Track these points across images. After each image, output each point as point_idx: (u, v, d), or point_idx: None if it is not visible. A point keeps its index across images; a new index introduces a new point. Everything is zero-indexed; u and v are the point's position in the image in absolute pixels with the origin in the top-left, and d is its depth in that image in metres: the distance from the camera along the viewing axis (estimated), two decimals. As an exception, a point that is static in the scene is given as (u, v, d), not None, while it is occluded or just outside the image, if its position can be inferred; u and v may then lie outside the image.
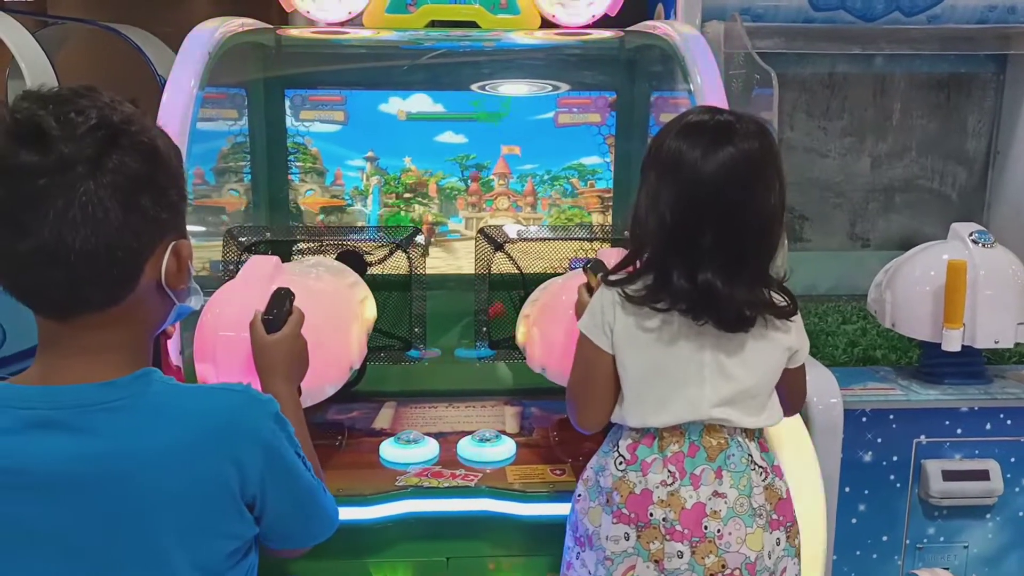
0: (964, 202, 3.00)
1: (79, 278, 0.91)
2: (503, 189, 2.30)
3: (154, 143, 0.96)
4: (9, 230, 0.90)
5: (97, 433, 0.93)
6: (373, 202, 2.29)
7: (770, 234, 1.34)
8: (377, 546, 1.57)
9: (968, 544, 1.98)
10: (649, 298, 1.34)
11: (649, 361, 1.35)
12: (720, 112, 1.37)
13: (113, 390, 0.95)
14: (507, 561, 1.60)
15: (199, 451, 0.95)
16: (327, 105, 2.30)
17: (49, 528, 0.92)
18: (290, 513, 1.07)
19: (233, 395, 1.02)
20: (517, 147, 2.29)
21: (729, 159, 1.30)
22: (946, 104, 2.97)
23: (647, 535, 1.33)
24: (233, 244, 1.81)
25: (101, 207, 0.90)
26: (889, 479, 1.95)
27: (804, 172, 2.94)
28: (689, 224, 1.31)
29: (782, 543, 1.37)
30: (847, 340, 2.40)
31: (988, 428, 1.94)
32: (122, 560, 0.94)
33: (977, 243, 1.96)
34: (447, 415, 1.91)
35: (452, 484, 1.57)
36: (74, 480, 0.92)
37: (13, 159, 0.89)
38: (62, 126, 0.89)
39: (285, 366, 1.32)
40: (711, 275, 1.30)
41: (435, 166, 2.27)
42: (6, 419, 0.93)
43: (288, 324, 1.35)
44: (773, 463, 1.40)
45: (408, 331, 1.92)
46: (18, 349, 2.82)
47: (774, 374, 1.39)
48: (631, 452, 1.36)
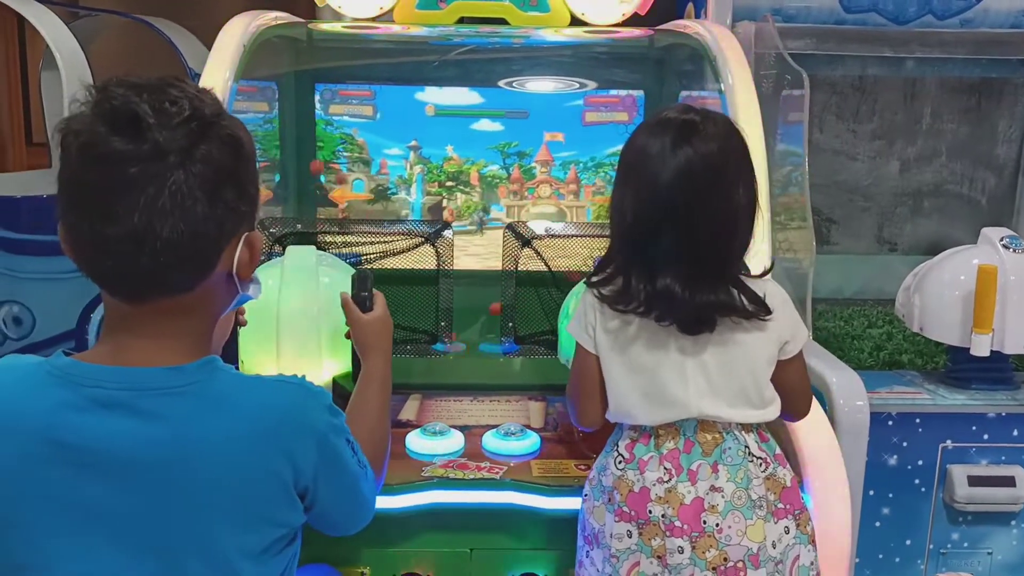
0: (993, 208, 2.97)
1: (161, 265, 0.93)
2: (545, 177, 2.30)
3: (239, 136, 0.98)
4: (98, 215, 0.91)
5: (161, 417, 0.94)
6: (417, 190, 2.30)
7: (733, 235, 1.34)
8: (402, 535, 1.59)
9: (992, 550, 1.96)
10: (615, 299, 1.35)
11: (630, 361, 1.37)
12: (688, 111, 1.36)
13: (180, 375, 0.96)
14: (530, 554, 1.61)
15: (257, 443, 0.97)
16: (357, 99, 2.32)
17: (105, 508, 0.93)
18: (338, 502, 1.08)
19: (291, 388, 1.03)
20: (560, 134, 2.29)
21: (686, 162, 1.29)
22: (977, 109, 2.94)
23: (648, 532, 1.34)
24: (264, 235, 1.83)
25: (190, 196, 0.92)
26: (914, 483, 1.94)
27: (832, 175, 2.92)
28: (648, 226, 1.32)
29: (791, 531, 1.36)
30: (873, 344, 2.39)
31: (1015, 434, 1.93)
32: (172, 543, 0.95)
33: (1008, 248, 1.95)
34: (472, 408, 1.92)
35: (477, 476, 1.58)
36: (134, 462, 0.93)
37: (107, 146, 0.90)
38: (157, 115, 0.91)
39: (384, 342, 1.42)
40: (670, 279, 1.31)
41: (476, 154, 2.28)
42: (75, 396, 0.93)
43: (378, 303, 1.46)
44: (774, 452, 1.40)
45: (434, 324, 1.93)
46: (47, 335, 2.87)
47: (764, 368, 1.38)
48: (629, 451, 1.38)
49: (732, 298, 1.34)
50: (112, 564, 0.93)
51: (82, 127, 0.91)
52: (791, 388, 1.43)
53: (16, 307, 2.91)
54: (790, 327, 1.40)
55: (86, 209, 0.92)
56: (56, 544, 0.93)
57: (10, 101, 4.16)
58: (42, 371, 0.96)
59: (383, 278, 1.79)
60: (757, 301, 1.35)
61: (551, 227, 1.99)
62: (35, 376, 0.95)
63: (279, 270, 1.62)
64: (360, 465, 1.10)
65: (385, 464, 1.31)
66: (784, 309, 1.40)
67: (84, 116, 0.92)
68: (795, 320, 1.42)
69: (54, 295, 2.78)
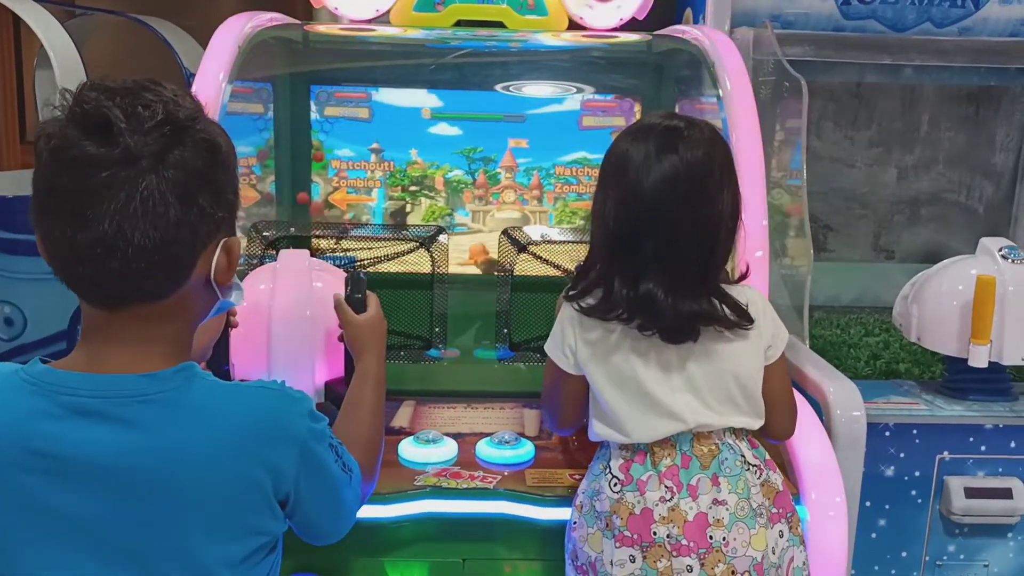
0: (990, 216, 2.97)
1: (134, 270, 0.92)
2: (510, 182, 2.29)
3: (215, 141, 0.97)
4: (69, 220, 0.90)
5: (136, 425, 0.93)
6: (379, 194, 2.28)
7: (716, 244, 1.33)
8: (394, 545, 1.57)
9: (988, 563, 1.95)
10: (599, 309, 1.33)
11: (617, 376, 1.35)
12: (672, 117, 1.35)
13: (155, 382, 0.95)
14: (524, 564, 1.60)
15: (236, 452, 0.95)
16: (352, 102, 2.30)
17: (83, 517, 0.92)
18: (321, 510, 1.07)
19: (270, 395, 1.02)
20: (524, 140, 2.28)
21: (670, 169, 1.28)
22: (975, 117, 2.94)
23: (653, 554, 1.31)
24: (257, 239, 1.81)
25: (162, 202, 0.90)
26: (910, 494, 1.92)
27: (829, 182, 2.92)
28: (630, 232, 1.30)
29: (785, 535, 1.36)
30: (869, 353, 2.38)
31: (1012, 446, 1.92)
32: (149, 552, 0.93)
33: (1007, 258, 1.94)
34: (465, 416, 1.90)
35: (470, 485, 1.56)
36: (109, 471, 0.92)
37: (79, 150, 0.89)
38: (129, 119, 0.90)
39: (376, 344, 1.42)
40: (652, 285, 1.29)
41: (441, 159, 2.27)
42: (49, 404, 0.92)
43: (371, 304, 1.46)
44: (765, 458, 1.39)
45: (428, 330, 1.92)
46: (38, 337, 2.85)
47: (753, 375, 1.37)
48: (624, 472, 1.35)
49: (714, 307, 1.33)
50: (90, 573, 0.92)
51: (54, 131, 0.91)
52: (773, 399, 1.41)
53: (8, 308, 2.89)
54: (771, 331, 1.39)
55: (58, 214, 0.91)
56: (32, 553, 0.92)
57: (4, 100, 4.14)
58: (17, 379, 0.95)
59: (377, 283, 1.78)
60: (739, 311, 1.34)
61: (547, 233, 1.98)
62: (10, 384, 0.94)
63: (271, 273, 1.60)
64: (345, 470, 1.09)
65: (378, 465, 1.29)
66: (765, 314, 1.39)
67: (57, 120, 0.91)
68: (775, 324, 1.41)
69: (46, 296, 2.76)
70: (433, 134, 2.26)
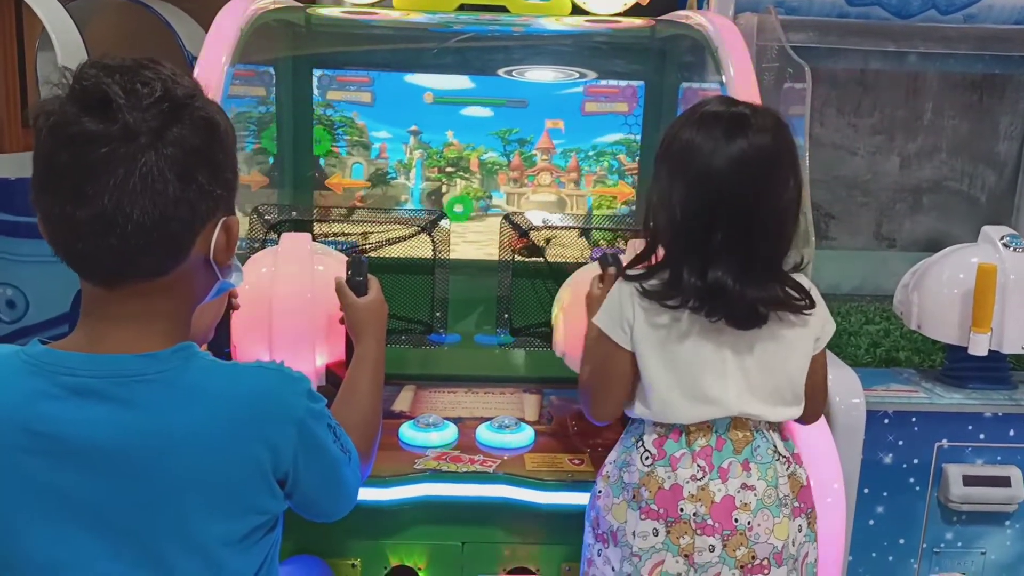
0: (993, 205, 2.96)
1: (133, 247, 0.91)
2: (546, 164, 2.28)
3: (214, 119, 0.96)
4: (69, 197, 0.90)
5: (134, 405, 0.93)
6: (416, 176, 2.28)
7: (783, 231, 1.32)
8: (394, 528, 1.58)
9: (986, 550, 1.96)
10: (663, 295, 1.32)
11: (670, 358, 1.34)
12: (735, 104, 1.34)
13: (153, 362, 0.95)
14: (523, 548, 1.60)
15: (234, 431, 0.95)
16: (354, 86, 2.29)
17: (82, 496, 0.92)
18: (320, 489, 1.07)
19: (268, 374, 1.02)
20: (561, 121, 2.26)
21: (741, 154, 1.27)
22: (979, 105, 2.93)
23: (677, 530, 1.32)
24: (259, 222, 1.81)
25: (161, 179, 0.90)
26: (909, 482, 1.93)
27: (831, 169, 2.91)
28: (700, 221, 1.29)
29: (804, 529, 1.37)
30: (870, 341, 2.38)
31: (1011, 434, 1.92)
32: (150, 531, 0.94)
33: (1008, 247, 1.93)
34: (466, 400, 1.91)
35: (470, 469, 1.57)
36: (110, 450, 0.92)
37: (77, 126, 0.89)
38: (128, 96, 0.89)
39: (378, 327, 1.41)
40: (722, 273, 1.28)
41: (477, 140, 2.26)
42: (50, 384, 0.93)
43: (372, 288, 1.45)
44: (794, 451, 1.40)
45: (429, 315, 1.92)
46: (41, 319, 2.85)
47: (801, 366, 1.37)
48: (658, 447, 1.35)
49: (782, 292, 1.32)
50: (91, 552, 0.93)
51: (53, 108, 0.90)
52: (814, 385, 1.41)
53: (10, 290, 2.88)
54: (822, 321, 1.39)
55: (57, 191, 0.91)
56: (34, 532, 0.92)
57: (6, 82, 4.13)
58: (17, 360, 0.95)
59: (379, 267, 1.78)
60: (805, 294, 1.34)
61: (548, 218, 1.98)
62: (9, 366, 0.95)
63: (273, 257, 1.60)
64: (343, 451, 1.09)
65: (374, 449, 1.29)
66: (820, 303, 1.39)
67: (56, 97, 0.91)
68: (826, 314, 1.40)
69: (48, 278, 2.76)
70: (467, 116, 2.25)
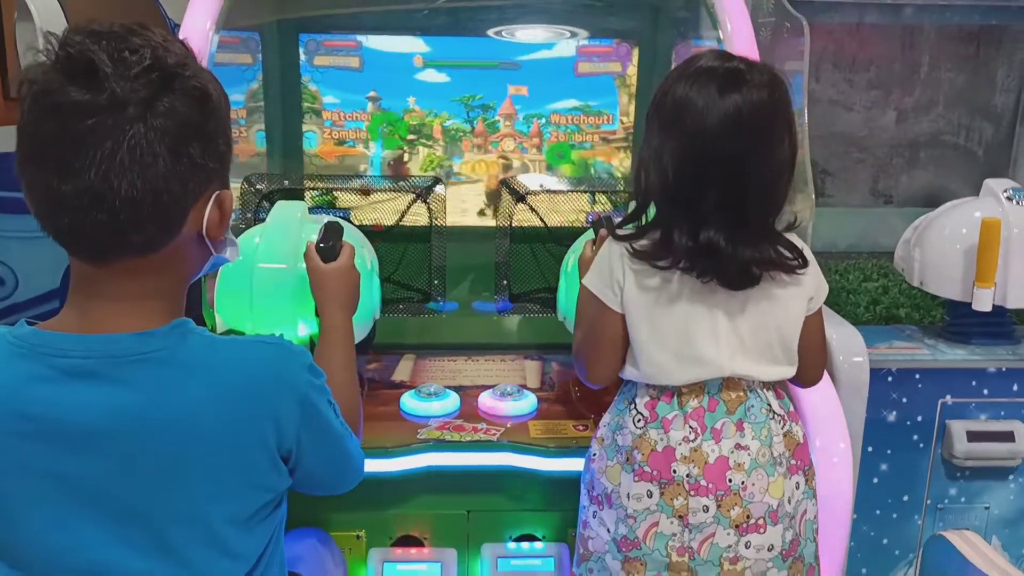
0: (990, 158, 2.94)
1: (122, 223, 0.88)
2: (509, 130, 2.24)
3: (206, 89, 0.92)
4: (54, 169, 0.86)
5: (132, 385, 0.90)
6: (376, 144, 2.23)
7: (777, 189, 1.30)
8: (398, 498, 1.57)
9: (989, 505, 1.96)
10: (653, 255, 1.29)
11: (661, 320, 1.32)
12: (730, 59, 1.30)
13: (149, 341, 0.92)
14: (528, 515, 1.60)
15: (235, 407, 0.93)
16: (342, 51, 2.24)
17: (83, 480, 0.90)
18: (323, 463, 1.05)
19: (268, 348, 0.99)
20: (524, 87, 2.21)
21: (736, 110, 1.23)
22: (975, 57, 2.90)
23: (670, 491, 1.31)
24: (251, 191, 1.77)
25: (150, 152, 0.87)
26: (912, 439, 1.93)
27: (828, 126, 2.88)
28: (692, 180, 1.26)
29: (801, 487, 1.36)
30: (869, 298, 2.37)
31: (1015, 389, 1.91)
32: (155, 514, 0.92)
33: (1011, 200, 1.91)
34: (466, 368, 1.89)
35: (474, 438, 1.55)
36: (108, 432, 0.90)
37: (63, 96, 0.85)
38: (115, 64, 0.86)
39: (343, 295, 1.35)
40: (714, 233, 1.26)
41: (439, 106, 2.21)
42: (43, 367, 0.90)
43: (343, 254, 1.38)
44: (789, 409, 1.39)
45: (427, 283, 1.89)
46: (30, 296, 2.81)
47: (794, 326, 1.35)
48: (650, 409, 1.34)
49: (774, 252, 1.30)
50: (95, 535, 0.91)
51: (36, 76, 0.87)
52: (811, 346, 1.39)
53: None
54: (816, 281, 1.37)
55: (42, 163, 0.87)
56: (37, 517, 0.91)
57: (-16, 54, 4.04)
58: (4, 343, 0.92)
59: (374, 236, 1.75)
60: (797, 254, 1.32)
61: (546, 182, 1.94)
62: None
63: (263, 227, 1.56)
64: (344, 426, 1.07)
65: (359, 424, 1.26)
66: (813, 264, 1.37)
67: (41, 65, 0.87)
68: (819, 274, 1.39)
69: (37, 254, 2.72)
70: (427, 81, 2.20)
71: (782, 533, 1.33)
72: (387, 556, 1.57)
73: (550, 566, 1.58)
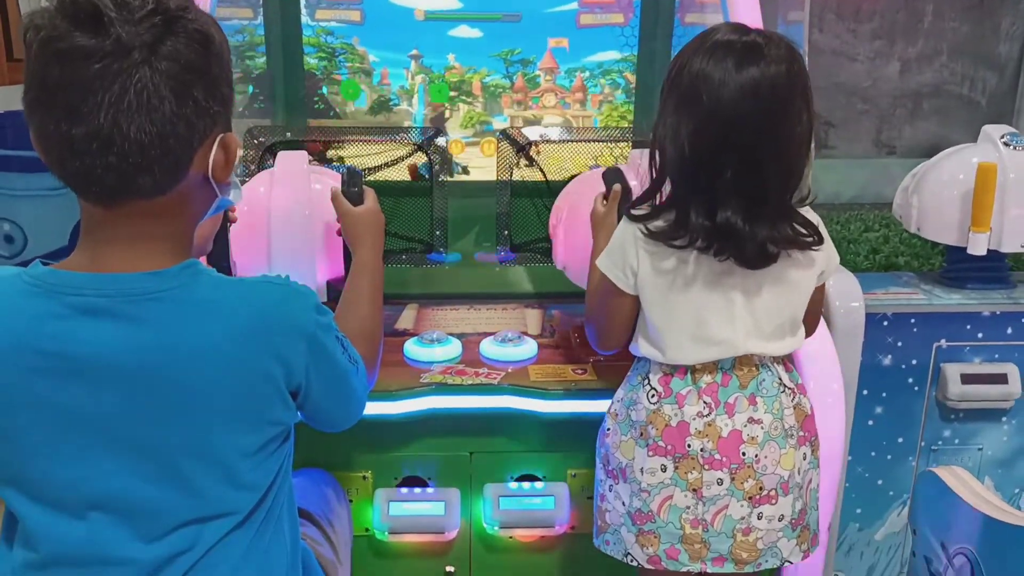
0: (993, 108, 2.94)
1: (131, 165, 0.91)
2: (550, 85, 2.24)
3: (208, 32, 0.94)
4: (63, 114, 0.89)
5: (144, 322, 0.93)
6: (419, 102, 2.24)
7: (794, 166, 1.28)
8: (403, 440, 1.61)
9: (983, 446, 2.00)
10: (669, 234, 1.29)
11: (677, 303, 1.32)
12: (748, 32, 1.27)
13: (161, 280, 0.95)
14: (529, 456, 1.64)
15: (245, 344, 0.96)
16: (343, 4, 2.24)
17: (96, 414, 0.93)
18: (331, 399, 1.09)
19: (276, 288, 1.02)
20: (565, 40, 2.19)
21: (754, 84, 1.22)
22: (979, 6, 2.88)
23: (685, 465, 1.33)
24: (253, 144, 1.80)
25: (156, 95, 0.89)
26: (907, 382, 1.95)
27: (831, 77, 2.88)
28: (709, 157, 1.25)
29: (808, 457, 1.39)
30: (869, 247, 2.39)
31: (1009, 332, 1.94)
32: (166, 446, 0.95)
33: (1008, 145, 1.92)
34: (469, 317, 1.92)
35: (475, 382, 1.59)
36: (121, 368, 0.93)
37: (68, 41, 0.87)
38: (119, 9, 0.88)
39: (373, 235, 1.42)
40: (731, 213, 1.25)
41: (479, 62, 2.21)
42: (56, 305, 0.93)
43: (369, 197, 1.45)
44: (798, 382, 1.41)
45: (429, 234, 1.92)
46: (39, 253, 2.85)
47: (804, 300, 1.37)
48: (664, 385, 1.35)
49: (791, 230, 1.29)
50: (110, 467, 0.94)
51: (42, 22, 0.89)
52: (812, 312, 1.42)
53: (7, 225, 2.88)
54: (827, 255, 1.38)
55: (51, 108, 0.90)
56: (53, 449, 0.94)
57: (-12, 16, 4.04)
58: (20, 282, 0.95)
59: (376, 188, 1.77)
60: (814, 231, 1.31)
61: (546, 132, 1.96)
62: (13, 288, 0.95)
63: (270, 175, 1.59)
64: (352, 361, 1.11)
65: (379, 357, 1.31)
66: (826, 238, 1.37)
67: (46, 10, 0.89)
68: (831, 247, 1.39)
69: (45, 212, 2.75)
70: (463, 37, 2.18)
71: (792, 503, 1.35)
72: (393, 496, 1.61)
73: (550, 504, 1.62)
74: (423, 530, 1.61)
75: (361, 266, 1.37)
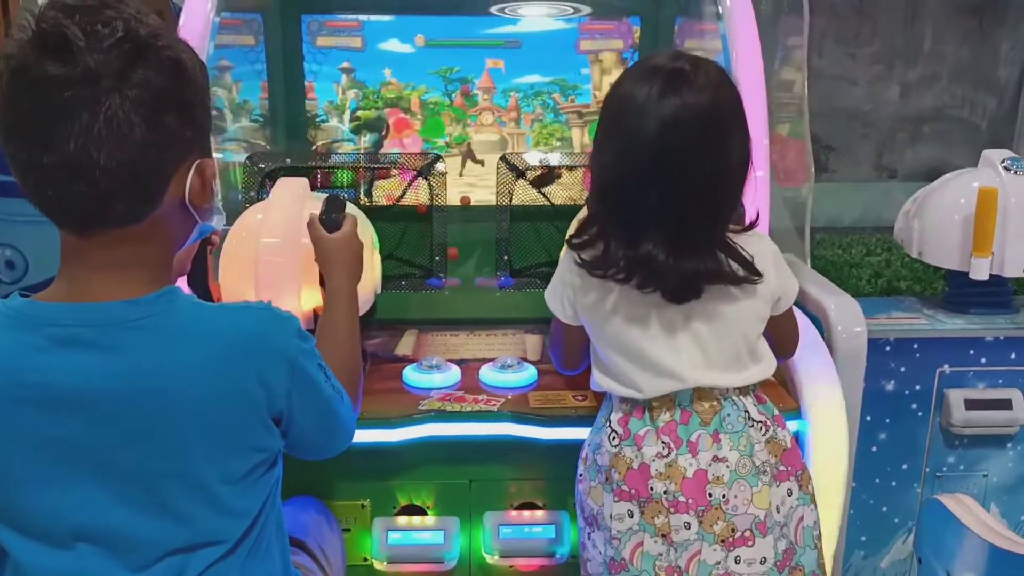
0: (993, 131, 2.94)
1: (103, 193, 0.91)
2: (487, 104, 2.25)
3: (180, 58, 0.95)
4: (34, 142, 0.89)
5: (123, 351, 0.93)
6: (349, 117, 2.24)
7: (723, 199, 1.25)
8: (401, 468, 1.60)
9: (988, 473, 1.98)
10: (592, 265, 1.26)
11: (617, 332, 1.30)
12: (679, 58, 1.23)
13: (138, 308, 0.95)
14: (529, 484, 1.62)
15: (225, 369, 0.96)
16: (344, 31, 2.25)
17: (80, 445, 0.93)
18: (314, 426, 1.08)
19: (257, 313, 1.02)
20: (501, 61, 2.22)
21: (674, 114, 1.18)
22: (979, 30, 2.89)
23: (650, 510, 1.28)
24: (253, 170, 1.80)
25: (127, 122, 0.89)
26: (911, 408, 1.94)
27: (831, 101, 2.89)
28: (630, 185, 1.22)
29: (794, 493, 1.32)
30: (871, 271, 2.38)
31: (1013, 357, 1.92)
32: (151, 474, 0.95)
33: (1009, 170, 1.92)
34: (468, 343, 1.91)
35: (475, 408, 1.57)
36: (102, 397, 0.93)
37: (39, 70, 0.88)
38: (88, 37, 0.88)
39: (347, 262, 1.40)
40: (653, 245, 1.21)
41: (418, 80, 2.22)
42: (36, 337, 0.93)
43: (347, 224, 1.43)
44: (773, 414, 1.35)
45: (428, 259, 1.91)
46: (40, 279, 2.85)
47: (756, 328, 1.33)
48: (623, 426, 1.32)
49: (720, 264, 1.25)
50: (95, 497, 0.94)
51: (13, 51, 0.89)
52: (781, 337, 1.40)
53: (9, 251, 2.88)
54: (782, 284, 1.34)
55: (23, 136, 0.90)
56: (37, 483, 0.94)
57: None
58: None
59: (376, 213, 1.77)
60: (746, 265, 1.27)
61: (545, 158, 1.96)
62: None
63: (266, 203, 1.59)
64: (335, 390, 1.10)
65: (359, 387, 1.29)
66: (776, 266, 1.33)
67: (18, 41, 0.90)
68: (786, 275, 1.35)
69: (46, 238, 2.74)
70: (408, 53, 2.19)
71: (773, 544, 1.28)
72: (391, 525, 1.60)
73: (551, 533, 1.60)
74: (422, 559, 1.59)
75: (335, 296, 1.35)
